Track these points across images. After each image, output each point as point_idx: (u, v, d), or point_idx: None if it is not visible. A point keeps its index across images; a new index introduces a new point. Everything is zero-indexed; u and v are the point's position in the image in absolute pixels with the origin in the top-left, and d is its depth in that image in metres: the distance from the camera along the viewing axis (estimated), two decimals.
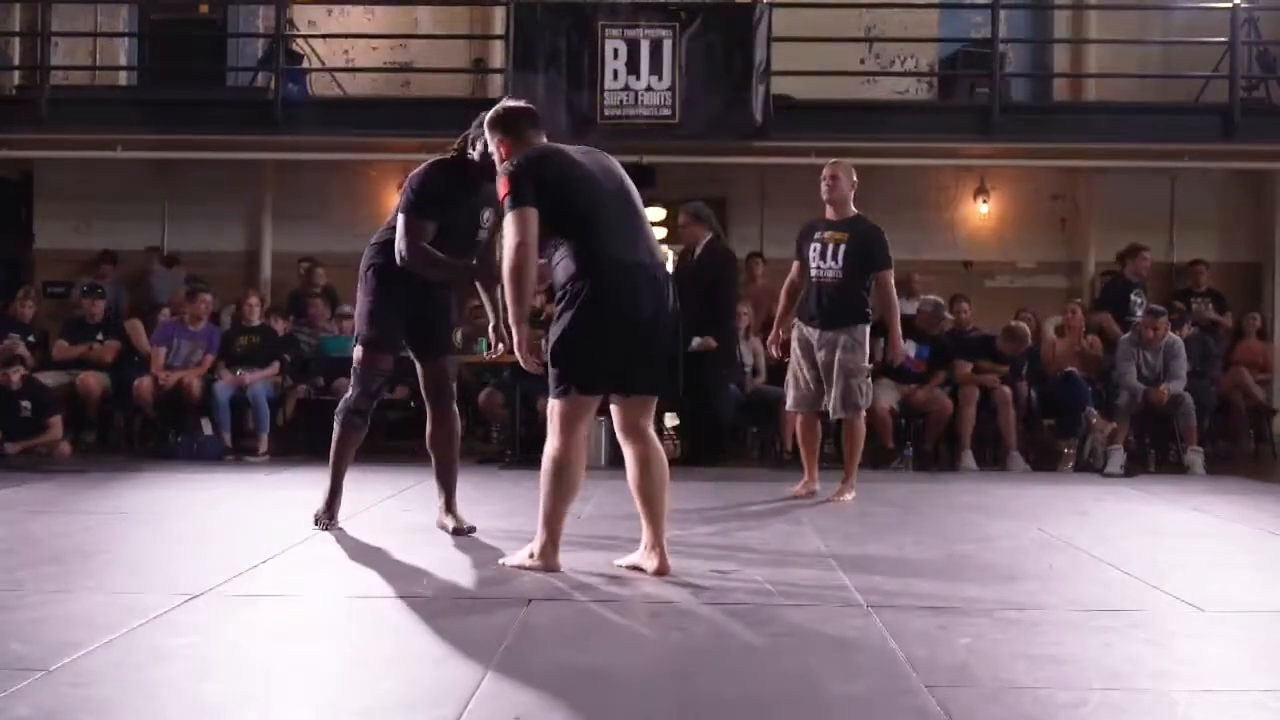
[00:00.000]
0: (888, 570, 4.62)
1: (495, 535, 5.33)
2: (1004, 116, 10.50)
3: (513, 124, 4.62)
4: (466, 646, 3.38)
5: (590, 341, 4.24)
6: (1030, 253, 11.90)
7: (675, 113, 10.17)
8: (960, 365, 9.28)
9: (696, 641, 3.49)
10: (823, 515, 6.18)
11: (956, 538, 5.55)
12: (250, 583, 4.24)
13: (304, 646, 3.43)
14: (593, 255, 4.26)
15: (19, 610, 3.75)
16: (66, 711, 2.75)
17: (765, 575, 4.41)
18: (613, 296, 4.25)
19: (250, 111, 10.35)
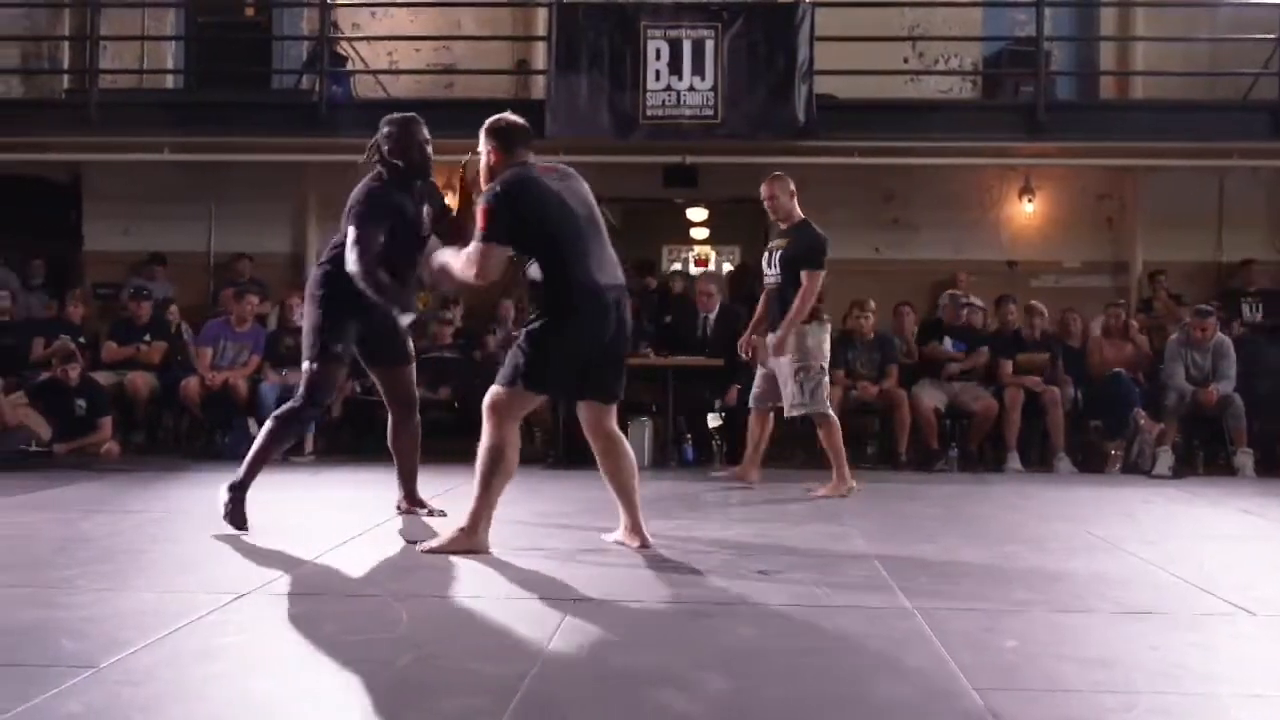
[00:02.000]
0: (933, 572, 4.59)
1: (545, 535, 5.35)
2: (1049, 115, 10.41)
3: (510, 138, 4.92)
4: (511, 646, 3.39)
5: (558, 356, 4.70)
6: (1076, 252, 11.78)
7: (718, 113, 10.16)
8: (1003, 364, 9.23)
9: (741, 643, 3.49)
10: (866, 517, 6.15)
11: (1003, 539, 5.51)
12: (296, 581, 4.27)
13: (349, 645, 3.45)
14: (568, 282, 4.67)
15: (70, 608, 3.80)
16: (117, 709, 2.79)
17: (810, 576, 4.40)
18: (586, 320, 4.70)
19: (295, 114, 10.43)
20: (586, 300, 4.70)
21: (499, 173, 4.84)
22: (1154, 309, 10.74)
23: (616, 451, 4.98)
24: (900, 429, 8.97)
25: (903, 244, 11.70)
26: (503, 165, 4.86)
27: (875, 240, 11.73)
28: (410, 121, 5.54)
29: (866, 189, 11.52)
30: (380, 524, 5.58)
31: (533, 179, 4.80)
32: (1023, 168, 11.50)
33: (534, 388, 4.77)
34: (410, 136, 5.49)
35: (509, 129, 4.95)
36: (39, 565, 4.56)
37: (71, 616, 3.67)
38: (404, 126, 5.51)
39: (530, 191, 4.74)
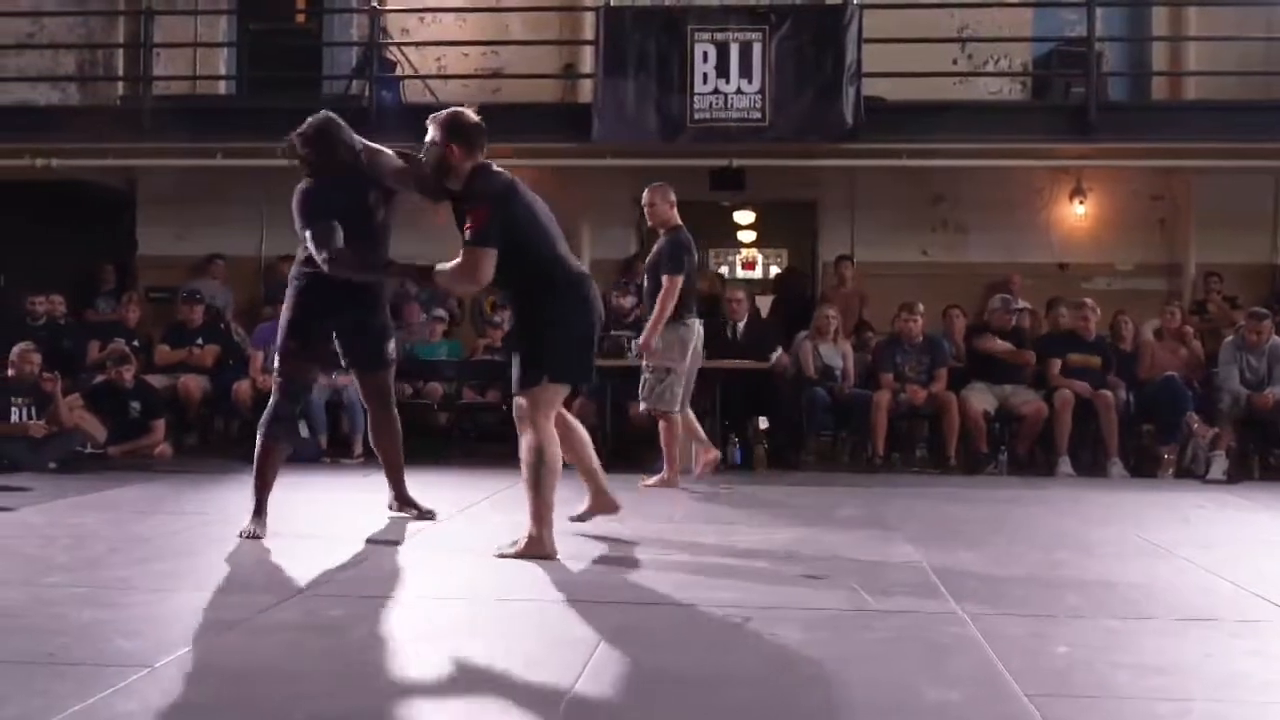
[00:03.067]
0: (983, 577, 4.56)
1: (592, 536, 5.36)
2: (1100, 116, 10.31)
3: (475, 138, 4.92)
4: (561, 648, 3.40)
5: (567, 344, 4.81)
6: (1128, 254, 11.66)
7: (765, 115, 10.13)
8: (1051, 364, 9.15)
9: (788, 647, 3.47)
10: (914, 521, 6.12)
11: (1054, 544, 5.46)
12: (346, 584, 4.30)
13: (399, 647, 3.47)
14: (554, 277, 4.85)
15: (125, 608, 3.85)
16: (171, 708, 2.82)
17: (856, 581, 4.38)
18: (580, 306, 4.87)
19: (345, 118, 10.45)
20: (575, 289, 4.88)
21: (459, 171, 4.86)
22: (1208, 312, 10.61)
23: (576, 435, 5.24)
24: (949, 432, 8.92)
25: (951, 246, 11.64)
26: (464, 164, 4.87)
27: (923, 243, 11.68)
28: (326, 125, 5.49)
29: (914, 191, 11.46)
30: (426, 527, 5.61)
31: (516, 182, 4.95)
32: (1074, 169, 11.39)
33: (557, 379, 4.84)
34: (328, 138, 5.45)
35: (476, 129, 4.95)
36: (95, 565, 4.62)
37: (127, 616, 3.72)
38: (320, 130, 5.47)
39: (518, 196, 4.90)
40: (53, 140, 11.01)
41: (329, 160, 5.42)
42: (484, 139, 4.97)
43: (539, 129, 10.88)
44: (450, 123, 4.91)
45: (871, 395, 9.06)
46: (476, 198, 4.80)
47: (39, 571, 4.43)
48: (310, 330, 5.42)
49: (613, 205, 11.90)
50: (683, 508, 6.48)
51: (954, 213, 11.67)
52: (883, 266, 11.47)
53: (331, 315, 5.42)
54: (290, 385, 5.42)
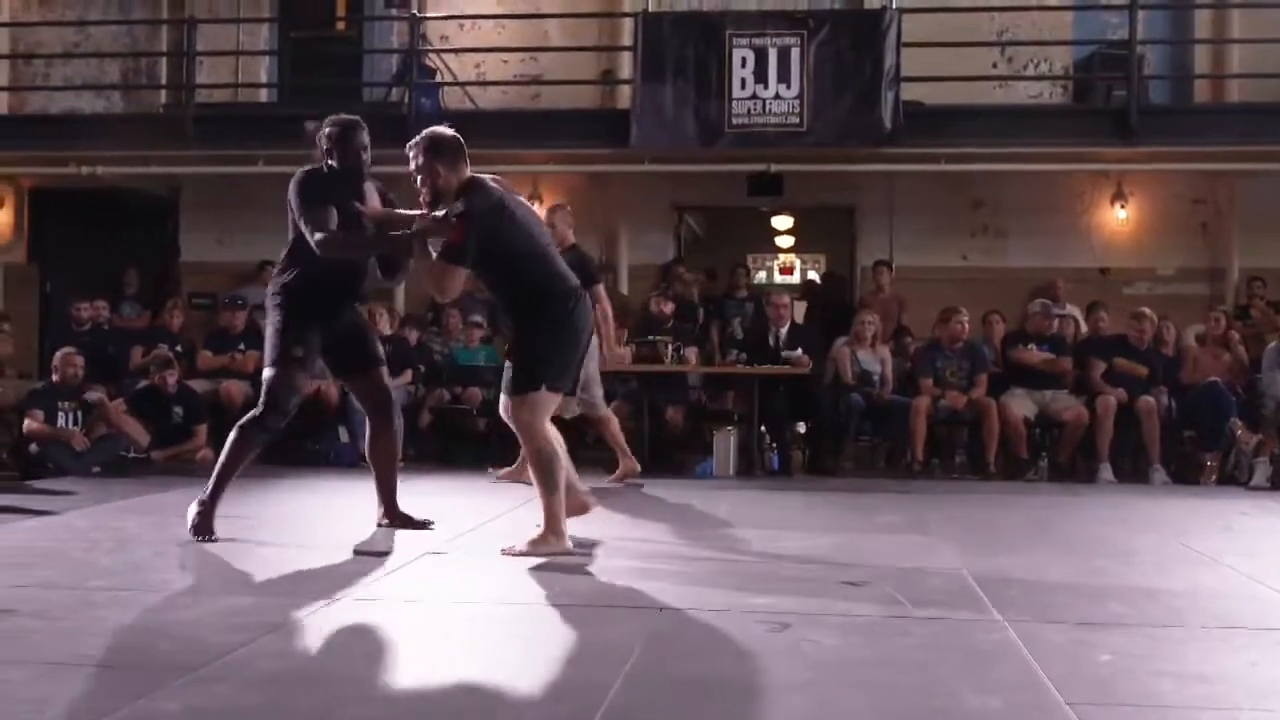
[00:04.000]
0: (1023, 583, 4.52)
1: (629, 545, 5.35)
2: (1142, 119, 10.23)
3: (457, 156, 5.05)
4: (596, 654, 3.40)
5: (562, 350, 4.95)
6: (1170, 259, 11.55)
7: (803, 120, 10.11)
8: (1094, 364, 9.07)
9: (826, 654, 3.46)
10: (954, 527, 6.08)
11: (1095, 552, 5.41)
12: (385, 587, 4.32)
13: (435, 651, 3.48)
14: (546, 286, 4.97)
15: (168, 611, 3.88)
16: (214, 710, 2.84)
17: (896, 587, 4.35)
18: (573, 315, 4.98)
19: (385, 125, 10.49)
20: (567, 301, 4.98)
21: (449, 191, 4.96)
22: (1251, 317, 10.48)
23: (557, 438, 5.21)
24: (989, 438, 8.86)
25: (991, 252, 11.57)
26: (453, 182, 4.98)
27: (963, 248, 11.61)
28: (352, 126, 5.57)
29: (954, 196, 11.41)
30: (466, 532, 5.62)
31: (500, 195, 5.00)
32: (1115, 173, 11.30)
33: (553, 386, 4.95)
34: (349, 141, 5.52)
35: (455, 143, 5.07)
36: (138, 569, 4.66)
37: (169, 620, 3.75)
38: (345, 130, 5.55)
39: (507, 212, 4.96)
40: (98, 148, 11.15)
41: (342, 155, 5.50)
42: (464, 152, 5.09)
43: (577, 134, 10.92)
44: (430, 145, 5.04)
45: (910, 401, 9.02)
46: (459, 216, 4.86)
47: (83, 575, 4.48)
48: (302, 339, 5.32)
49: (650, 210, 11.92)
50: (720, 514, 6.46)
51: (993, 218, 11.60)
52: (922, 271, 11.41)
53: (323, 322, 5.37)
54: (279, 394, 5.32)
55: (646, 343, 8.99)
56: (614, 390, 9.27)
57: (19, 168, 12.10)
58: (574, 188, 11.93)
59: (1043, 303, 9.55)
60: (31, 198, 12.65)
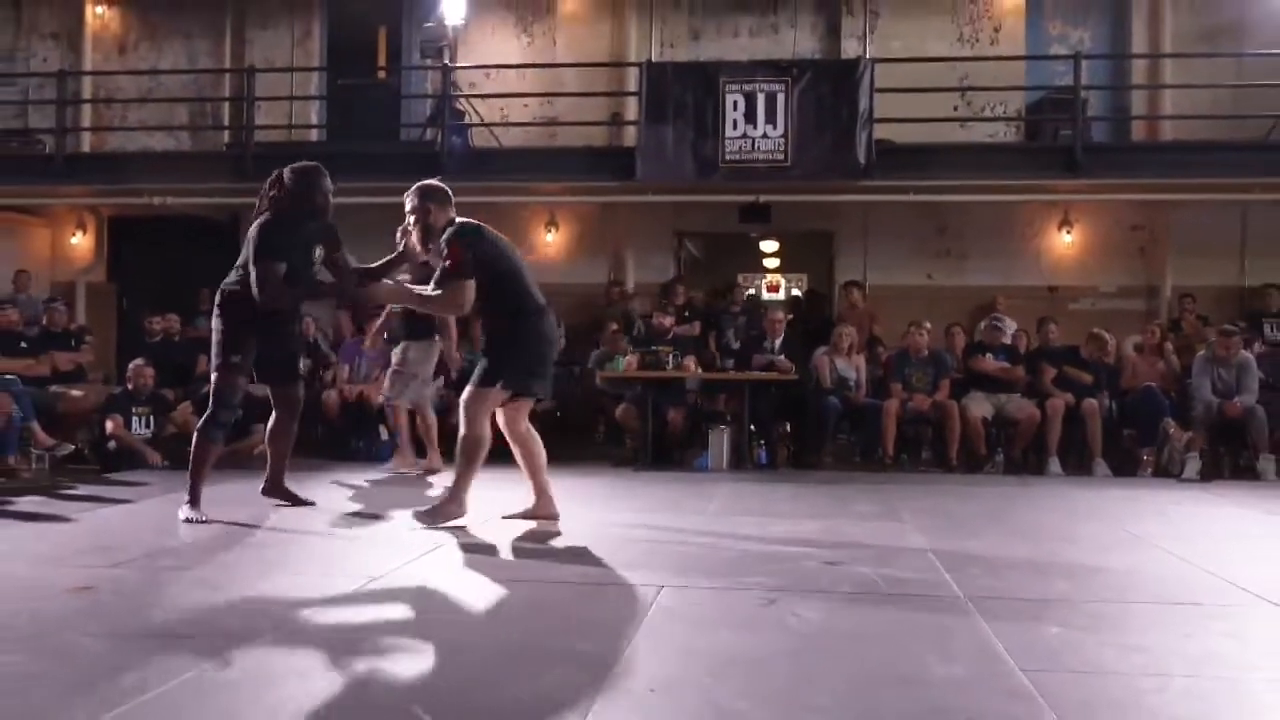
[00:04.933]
0: (983, 565, 4.51)
1: (634, 530, 5.34)
2: (1086, 156, 10.23)
3: (447, 199, 5.31)
4: (608, 625, 3.39)
5: (528, 360, 5.19)
6: (1111, 278, 11.53)
7: (788, 156, 10.11)
8: (1045, 369, 9.05)
9: (809, 627, 3.45)
10: (922, 514, 6.06)
11: (1046, 536, 5.40)
12: (416, 571, 4.31)
13: (463, 625, 3.47)
14: (522, 305, 5.20)
15: (228, 589, 3.87)
16: (268, 675, 2.83)
17: (871, 569, 4.34)
18: (545, 331, 5.26)
19: (420, 162, 10.52)
20: (538, 317, 5.24)
21: (439, 228, 5.20)
22: (1182, 329, 10.46)
23: (535, 446, 5.46)
24: (951, 436, 8.83)
25: (954, 271, 11.56)
26: (441, 220, 5.23)
27: (929, 268, 11.60)
28: (315, 171, 5.60)
29: (922, 223, 11.41)
30: (488, 520, 5.61)
31: (483, 227, 5.25)
32: (1062, 203, 11.30)
33: (508, 387, 5.17)
34: (314, 184, 5.56)
35: (445, 192, 5.33)
36: (203, 550, 4.66)
37: (229, 597, 3.74)
38: (310, 175, 5.57)
39: (485, 237, 5.21)
40: (167, 181, 11.18)
41: (302, 197, 5.52)
42: (451, 198, 5.32)
43: (589, 169, 10.93)
44: (425, 191, 5.32)
45: (882, 403, 9.00)
46: (448, 239, 5.11)
47: (155, 557, 4.48)
48: (240, 345, 5.47)
49: (653, 235, 11.92)
50: (715, 502, 6.45)
51: (956, 242, 11.59)
52: (892, 289, 11.41)
53: (257, 333, 5.49)
54: (223, 394, 5.50)
55: (650, 352, 8.99)
56: (622, 394, 9.28)
57: (99, 199, 12.15)
58: (586, 215, 11.95)
59: (993, 318, 9.60)
60: (110, 225, 12.70)
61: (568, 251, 12.01)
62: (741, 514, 6.01)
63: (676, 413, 8.95)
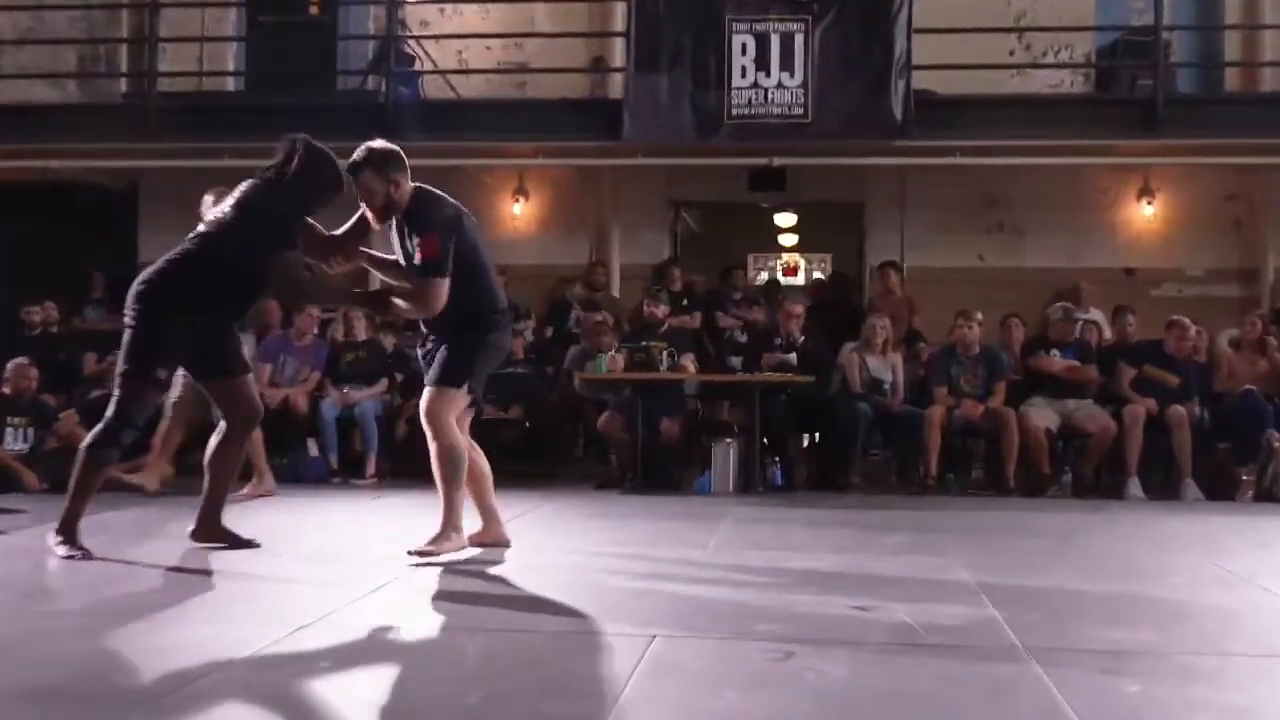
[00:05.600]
0: (1045, 608, 4.49)
1: (621, 565, 5.32)
2: (1169, 110, 10.24)
3: (404, 164, 5.28)
4: (588, 684, 3.36)
5: (486, 363, 5.40)
6: (1200, 259, 11.56)
7: (808, 111, 10.11)
8: (1123, 370, 9.05)
9: (832, 686, 3.42)
10: (970, 547, 6.04)
11: (1123, 573, 5.39)
12: (357, 615, 4.27)
13: (413, 683, 3.44)
14: (485, 302, 5.36)
15: (125, 639, 3.83)
16: None
17: (908, 612, 4.32)
18: (501, 335, 5.47)
19: (361, 116, 10.53)
20: (499, 319, 5.43)
21: (402, 202, 5.23)
22: None
23: (479, 466, 5.57)
24: (1008, 451, 8.85)
25: (1009, 251, 11.58)
26: (406, 193, 5.25)
27: (979, 247, 11.63)
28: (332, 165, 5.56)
29: (969, 192, 11.42)
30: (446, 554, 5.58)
31: (458, 210, 5.33)
32: (1140, 167, 11.31)
33: (474, 389, 5.37)
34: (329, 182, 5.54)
35: (401, 156, 5.29)
36: (90, 593, 4.61)
37: (127, 648, 3.70)
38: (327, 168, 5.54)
39: (465, 223, 5.32)
40: (51, 140, 11.12)
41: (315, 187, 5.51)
42: (404, 161, 5.30)
43: (566, 126, 10.91)
44: (382, 159, 5.24)
45: (923, 411, 9.00)
46: (428, 225, 5.19)
47: (32, 600, 4.43)
48: (158, 350, 5.31)
49: (645, 207, 11.92)
50: (718, 533, 6.43)
51: (1011, 215, 11.61)
52: (935, 272, 11.41)
53: (185, 330, 5.31)
54: (132, 411, 5.31)
55: (640, 348, 8.96)
56: (605, 400, 9.26)
57: None
58: (562, 182, 11.93)
59: (1064, 306, 9.54)
60: None
61: (540, 226, 11.99)
62: (751, 547, 5.99)
63: (672, 423, 8.94)
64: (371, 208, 5.29)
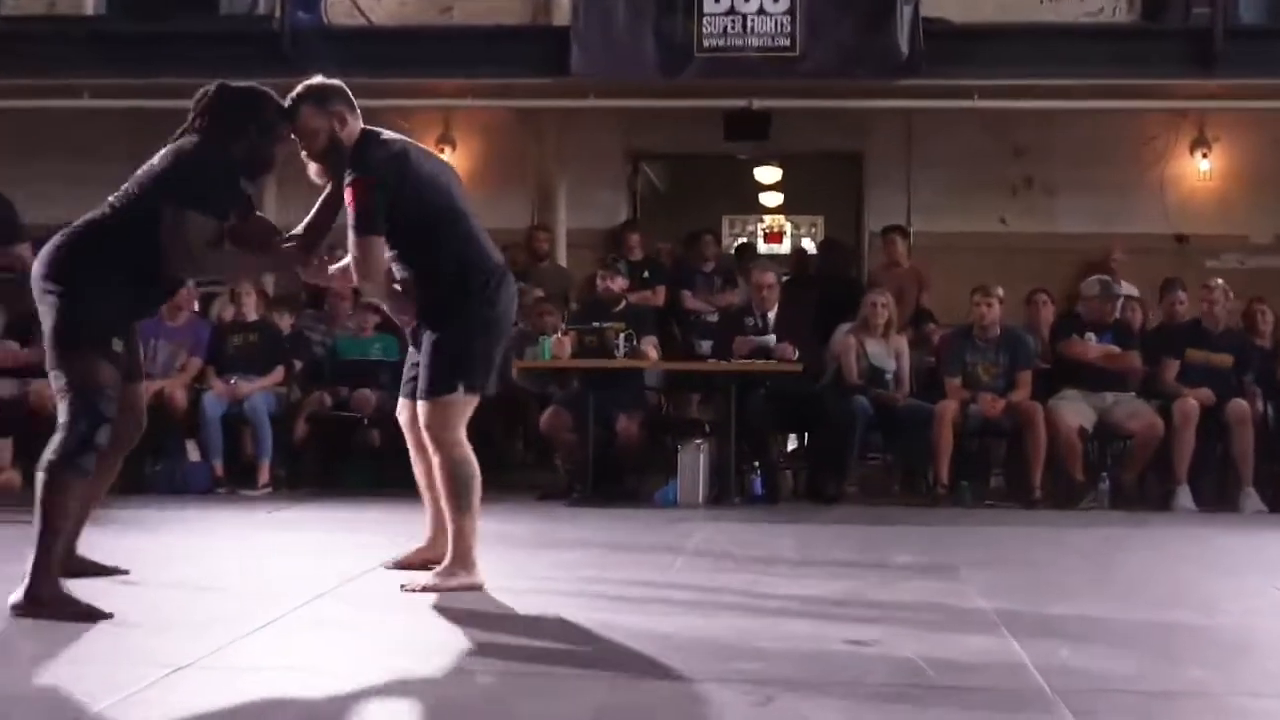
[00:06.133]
0: (1078, 641, 4.53)
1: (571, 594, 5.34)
2: (1230, 44, 10.31)
3: (340, 95, 5.24)
4: None
5: (486, 342, 5.25)
6: (1267, 224, 11.67)
7: (796, 43, 10.14)
8: (1167, 365, 9.11)
9: None
10: (989, 569, 6.09)
11: (1169, 600, 5.45)
12: (247, 653, 4.26)
13: None
14: (468, 258, 5.24)
15: None
16: None
17: (914, 648, 4.35)
18: (499, 297, 5.29)
19: (250, 48, 10.48)
20: (491, 278, 5.27)
21: (348, 144, 5.17)
22: None
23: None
24: (1035, 454, 8.90)
25: (1037, 212, 11.65)
26: (355, 132, 5.21)
27: (1001, 208, 11.70)
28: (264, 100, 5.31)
29: (990, 141, 11.48)
30: (355, 577, 5.58)
31: (409, 152, 5.23)
32: (1195, 113, 11.40)
33: (472, 388, 5.21)
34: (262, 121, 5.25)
35: (347, 93, 5.26)
36: None
37: None
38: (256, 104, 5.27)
39: (417, 166, 5.21)
40: None
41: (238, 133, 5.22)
42: (351, 98, 5.27)
43: (502, 60, 10.89)
44: (321, 93, 5.23)
45: (933, 406, 9.05)
46: (356, 168, 5.09)
47: None
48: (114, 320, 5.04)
49: (598, 159, 11.93)
50: (685, 553, 6.45)
51: (1039, 170, 11.68)
52: (948, 239, 11.48)
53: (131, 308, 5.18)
54: (94, 401, 4.90)
55: (591, 331, 8.97)
56: (549, 393, 9.27)
57: None
58: (496, 128, 11.91)
59: (1101, 280, 9.58)
60: None
61: (470, 180, 11.81)
62: (725, 569, 6.01)
63: (630, 420, 8.96)
64: (312, 153, 5.24)
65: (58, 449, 4.88)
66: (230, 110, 5.19)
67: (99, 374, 4.92)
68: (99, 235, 5.08)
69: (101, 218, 5.13)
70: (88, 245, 5.05)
